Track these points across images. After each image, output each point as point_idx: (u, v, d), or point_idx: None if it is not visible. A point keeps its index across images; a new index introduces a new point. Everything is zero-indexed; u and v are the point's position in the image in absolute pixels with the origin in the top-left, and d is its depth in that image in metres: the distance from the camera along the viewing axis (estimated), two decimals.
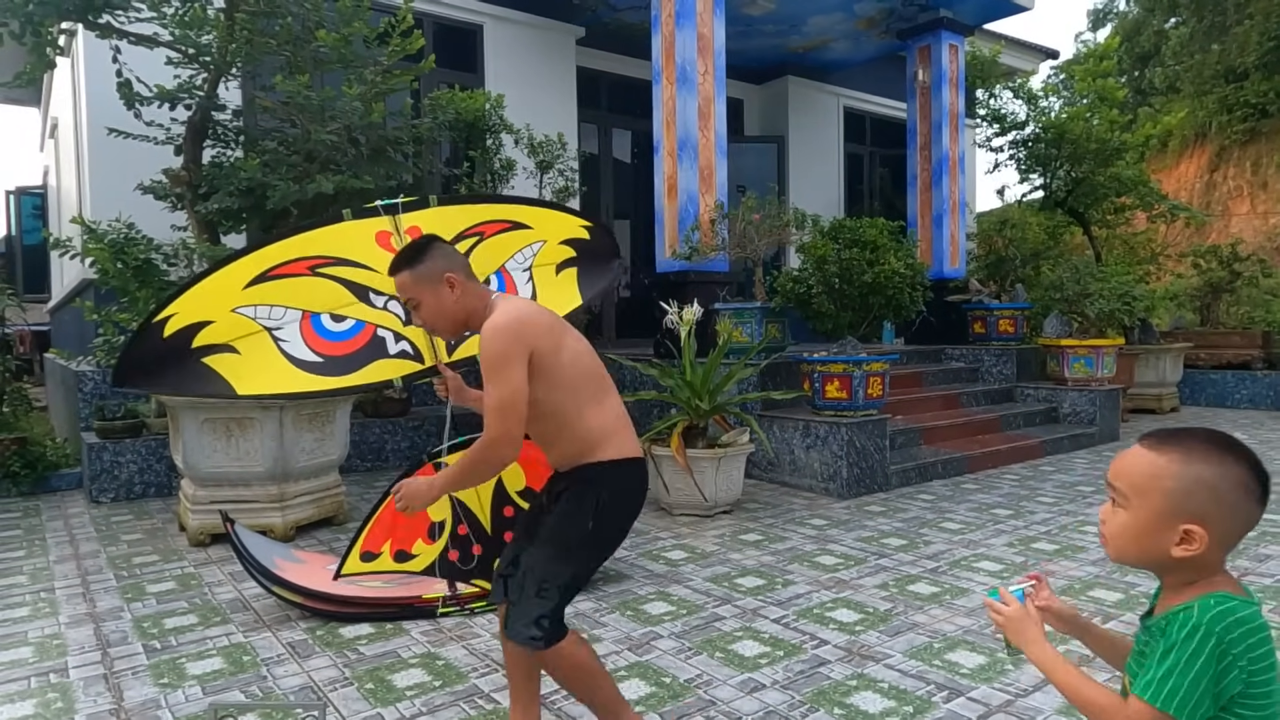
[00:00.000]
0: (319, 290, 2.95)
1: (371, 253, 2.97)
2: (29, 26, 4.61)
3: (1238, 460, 1.14)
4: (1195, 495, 1.13)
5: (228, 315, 2.94)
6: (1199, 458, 1.14)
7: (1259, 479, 1.14)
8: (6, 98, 12.03)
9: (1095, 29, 27.20)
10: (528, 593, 2.04)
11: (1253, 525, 1.16)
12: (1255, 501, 1.15)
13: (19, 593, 3.75)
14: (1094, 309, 7.79)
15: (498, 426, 1.93)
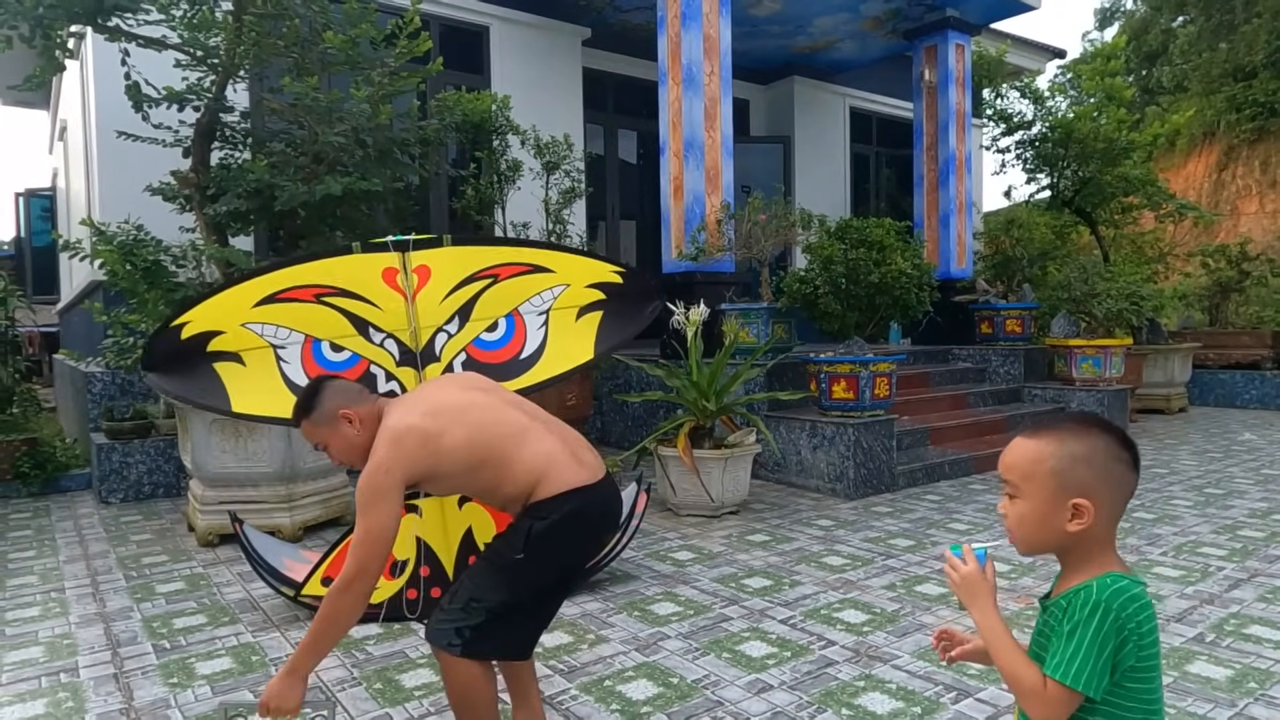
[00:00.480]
0: (322, 318, 2.97)
1: (376, 288, 2.98)
2: (38, 29, 4.64)
3: (1104, 432, 1.25)
4: (1076, 470, 1.22)
5: (237, 328, 2.98)
6: (1071, 436, 1.24)
7: (1127, 446, 1.25)
8: (16, 100, 12.09)
9: (1102, 28, 27.10)
10: (456, 602, 2.04)
11: (1130, 491, 1.26)
12: (1128, 467, 1.25)
13: (30, 592, 3.77)
14: (1102, 309, 7.77)
15: (354, 565, 1.90)
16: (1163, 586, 3.64)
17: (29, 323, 9.18)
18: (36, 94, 10.42)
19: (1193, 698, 2.60)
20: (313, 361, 2.96)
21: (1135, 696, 1.18)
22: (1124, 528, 4.61)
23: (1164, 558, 4.06)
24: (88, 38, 6.17)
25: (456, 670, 2.07)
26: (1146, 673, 1.18)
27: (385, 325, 3.00)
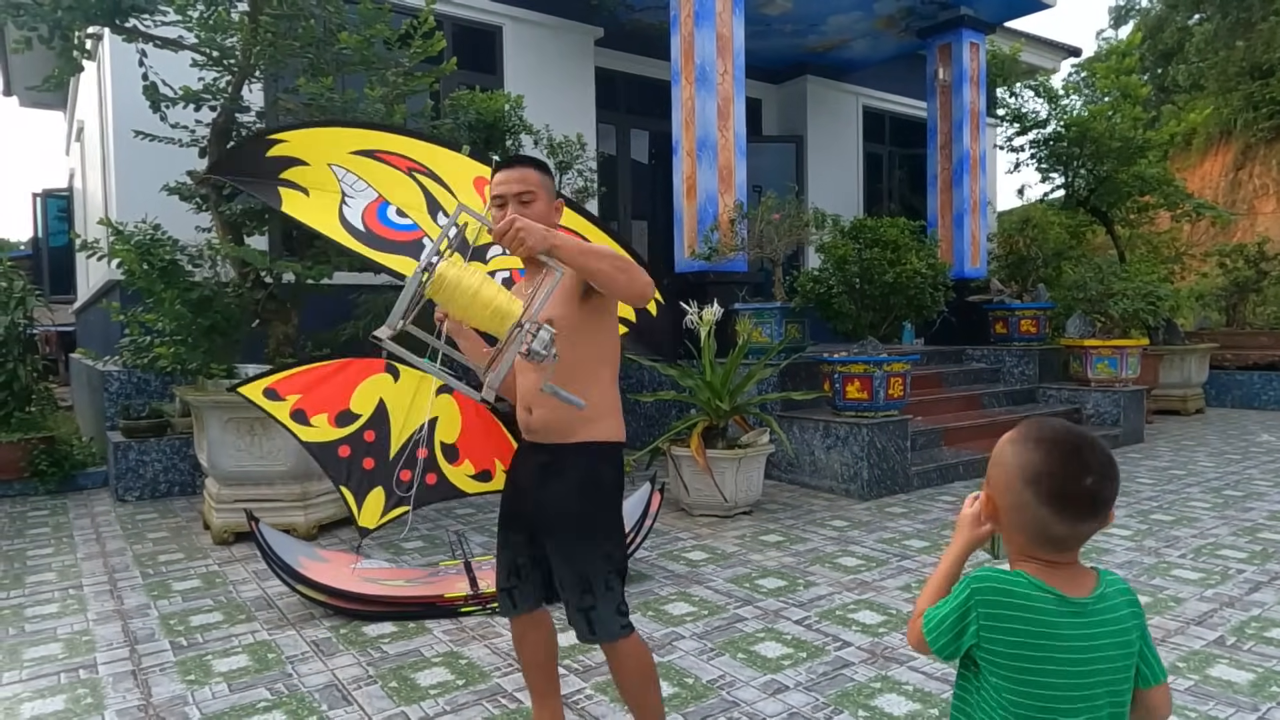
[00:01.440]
0: (403, 187, 3.02)
1: (463, 185, 3.02)
2: (57, 31, 4.67)
3: (1040, 449, 1.18)
4: (994, 468, 1.25)
5: (323, 166, 3.03)
6: (1018, 439, 1.22)
7: (1058, 480, 1.16)
8: (33, 102, 12.19)
9: (1117, 26, 26.89)
10: (598, 586, 1.99)
11: (1042, 525, 1.18)
12: (1037, 499, 1.17)
13: (48, 589, 3.80)
14: (1118, 309, 7.70)
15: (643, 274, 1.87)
16: (1182, 589, 3.60)
17: (46, 322, 9.26)
18: (54, 95, 10.52)
19: (1214, 701, 2.57)
20: (374, 216, 2.99)
21: (993, 693, 1.20)
22: (1141, 530, 4.57)
23: (1183, 560, 4.02)
24: (105, 39, 6.21)
25: (631, 652, 2.05)
26: (997, 657, 1.18)
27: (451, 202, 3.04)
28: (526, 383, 2.06)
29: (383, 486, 2.78)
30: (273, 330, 5.10)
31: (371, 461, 2.96)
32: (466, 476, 2.91)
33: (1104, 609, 1.19)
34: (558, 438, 2.04)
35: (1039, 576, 1.19)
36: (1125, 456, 6.89)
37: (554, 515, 2.04)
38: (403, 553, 4.35)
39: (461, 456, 2.91)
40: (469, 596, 3.40)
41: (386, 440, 3.01)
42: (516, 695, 2.66)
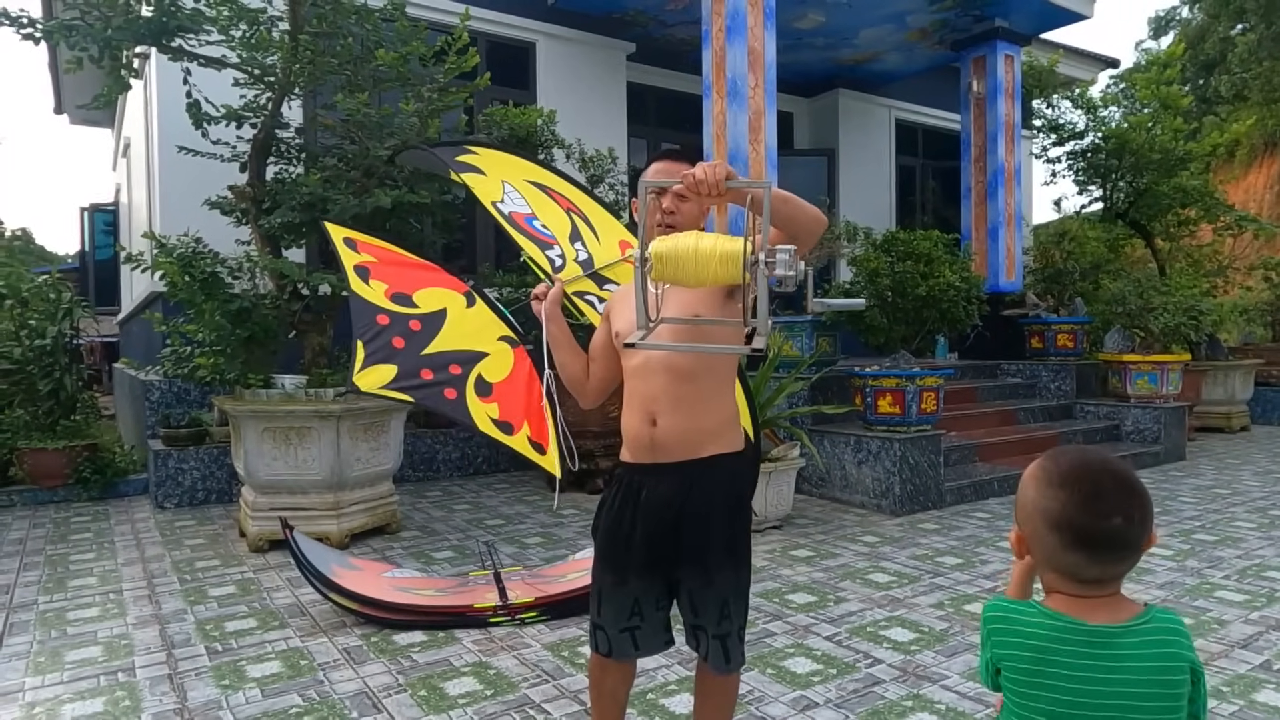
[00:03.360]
0: (556, 214, 3.09)
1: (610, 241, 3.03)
2: (107, 51, 4.83)
3: (1060, 495, 1.14)
4: (1019, 509, 1.22)
5: (497, 180, 3.14)
6: (1040, 479, 1.18)
7: (1078, 525, 1.12)
8: (83, 119, 12.59)
9: (1157, 37, 26.50)
10: (740, 616, 1.95)
11: (1068, 564, 1.15)
12: (1061, 543, 1.14)
13: (89, 593, 3.89)
14: (1158, 323, 7.55)
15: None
16: (1226, 611, 3.51)
17: (92, 333, 9.51)
18: (102, 113, 10.85)
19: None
20: (521, 218, 3.03)
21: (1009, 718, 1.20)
22: (1183, 550, 4.46)
23: (1227, 581, 3.92)
24: (151, 58, 6.40)
25: (738, 681, 2.06)
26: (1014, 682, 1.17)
27: (589, 247, 3.06)
28: (651, 387, 1.91)
29: (399, 366, 2.64)
30: (308, 341, 5.19)
31: (402, 342, 2.80)
32: (487, 416, 2.72)
33: (1135, 641, 1.12)
34: (687, 453, 1.90)
35: (1063, 608, 1.16)
36: (1166, 474, 6.73)
37: (695, 542, 1.90)
38: (433, 562, 4.39)
39: (493, 398, 2.76)
40: (498, 607, 3.41)
41: (429, 337, 2.84)
42: (545, 707, 2.66)
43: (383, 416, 4.91)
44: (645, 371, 1.92)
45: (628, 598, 1.96)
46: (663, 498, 1.91)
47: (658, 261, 1.63)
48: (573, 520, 5.30)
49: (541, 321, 2.20)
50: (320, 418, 4.58)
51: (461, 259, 8.12)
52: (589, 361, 2.16)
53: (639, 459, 1.96)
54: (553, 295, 2.22)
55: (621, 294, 2.09)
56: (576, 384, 2.17)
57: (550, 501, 5.87)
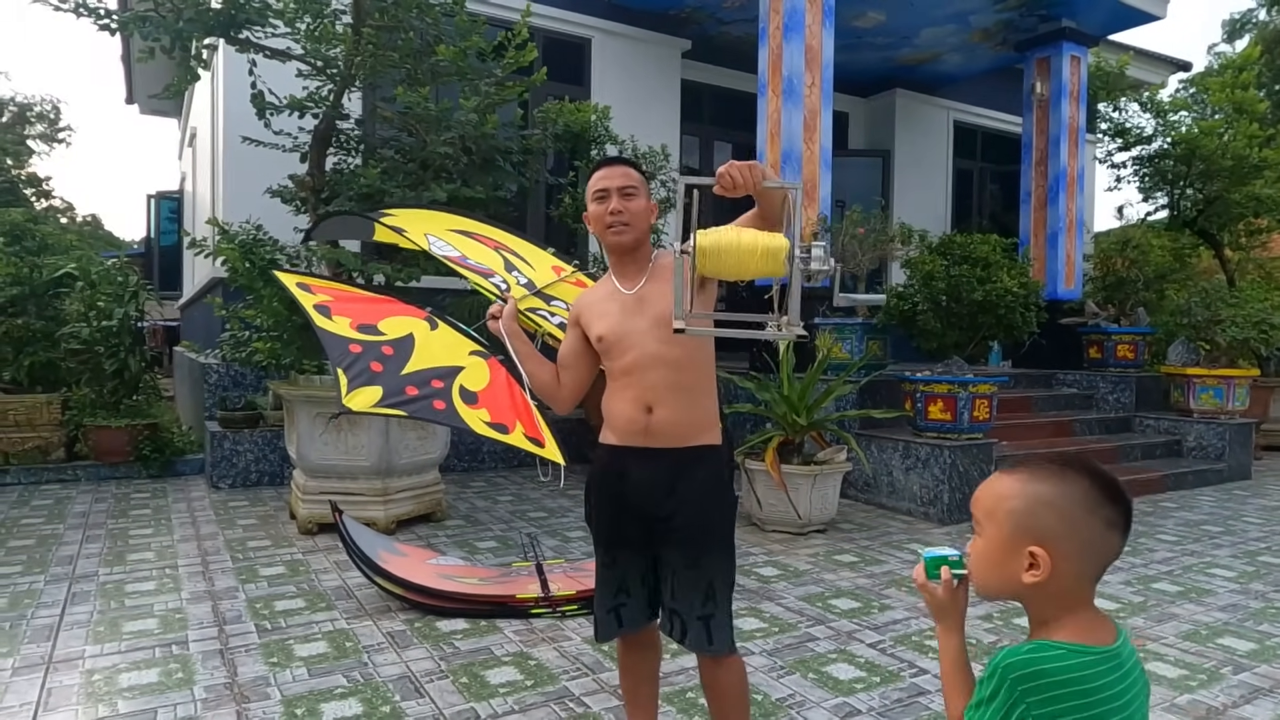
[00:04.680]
0: (487, 254, 3.13)
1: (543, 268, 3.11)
2: (178, 42, 4.97)
3: (1079, 476, 1.10)
4: (1037, 514, 1.09)
5: (420, 235, 3.17)
6: (1042, 477, 1.11)
7: (1109, 498, 1.09)
8: (152, 109, 13.01)
9: (1231, 40, 25.51)
10: (720, 598, 1.98)
11: (1106, 551, 1.10)
12: (1104, 524, 1.09)
13: (147, 568, 4.01)
14: (1226, 336, 7.27)
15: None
16: None
17: (155, 316, 9.81)
18: (170, 103, 11.20)
19: None
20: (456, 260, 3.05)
21: None
22: (1247, 571, 4.29)
23: None
24: (219, 50, 6.57)
25: (738, 665, 2.05)
26: None
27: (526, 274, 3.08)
28: (649, 379, 1.98)
29: (383, 387, 2.64)
30: None
31: (379, 366, 2.79)
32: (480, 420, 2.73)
33: (1129, 653, 1.11)
34: (678, 441, 1.99)
35: (1077, 636, 1.08)
36: (1230, 493, 6.48)
37: (685, 523, 1.97)
38: (477, 552, 4.43)
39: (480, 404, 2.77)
40: (540, 599, 3.43)
41: (404, 361, 2.84)
42: (584, 700, 2.67)
43: None
44: (641, 366, 1.99)
45: (616, 576, 2.08)
46: (651, 479, 1.99)
47: (701, 255, 1.66)
48: None
49: (503, 340, 2.22)
50: None
51: None
52: (558, 370, 2.20)
53: (628, 442, 2.02)
54: (508, 312, 2.24)
55: (588, 302, 2.13)
56: (548, 391, 2.22)
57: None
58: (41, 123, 25.88)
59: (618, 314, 2.04)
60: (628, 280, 2.07)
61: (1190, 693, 2.81)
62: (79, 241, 9.75)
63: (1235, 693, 2.82)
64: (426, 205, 4.91)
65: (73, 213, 29.73)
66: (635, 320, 2.01)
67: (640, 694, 2.20)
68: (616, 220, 2.02)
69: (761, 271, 1.68)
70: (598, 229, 2.06)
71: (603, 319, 2.05)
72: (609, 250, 2.10)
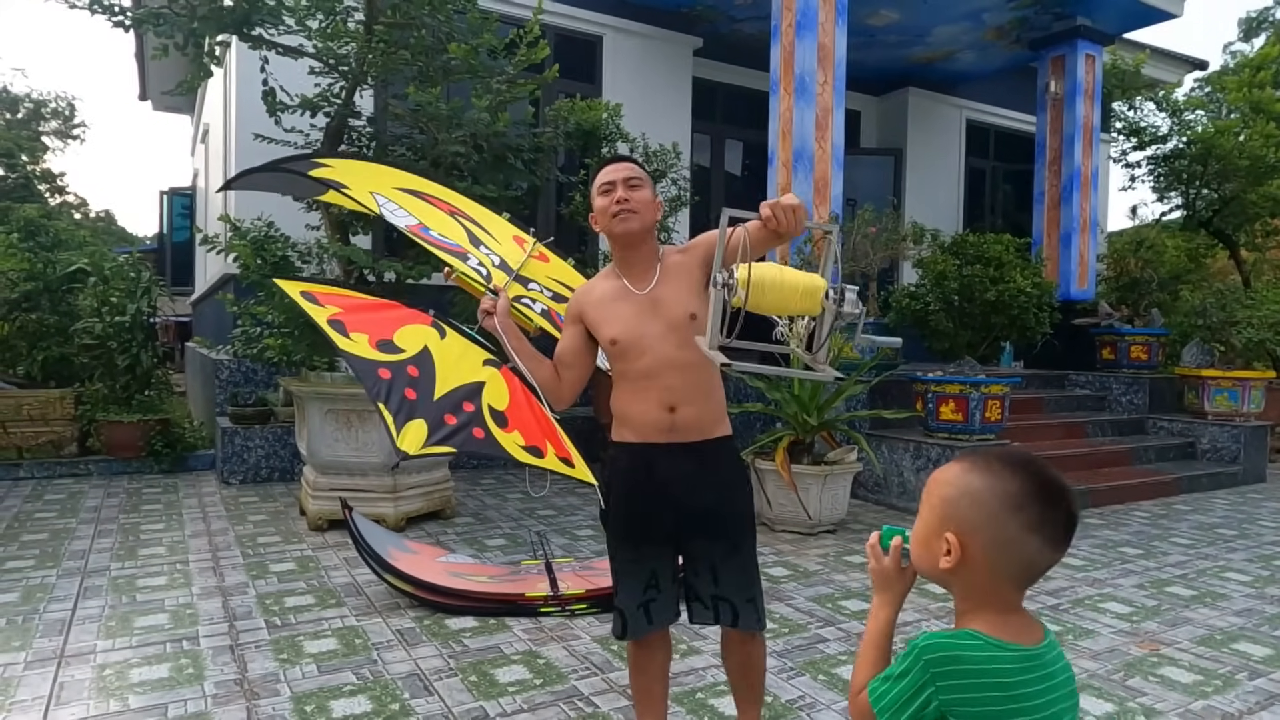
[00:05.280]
0: (445, 222, 3.04)
1: (505, 239, 3.05)
2: (191, 39, 4.99)
3: (1014, 474, 1.07)
4: (960, 504, 1.09)
5: (365, 193, 3.06)
6: (979, 469, 1.10)
7: (1041, 501, 1.05)
8: (165, 106, 13.07)
9: (1248, 39, 25.28)
10: (749, 579, 2.06)
11: (1028, 554, 1.07)
12: (1025, 525, 1.05)
13: (158, 563, 4.03)
14: (1241, 338, 7.21)
15: None
16: None
17: (167, 312, 9.87)
18: (183, 100, 11.24)
19: None
20: (420, 231, 2.95)
21: None
22: (1262, 576, 4.25)
23: None
24: (232, 47, 6.59)
25: (764, 646, 2.18)
26: None
27: (494, 250, 3.01)
28: (668, 382, 2.00)
29: (425, 419, 2.59)
30: None
31: (414, 394, 2.72)
32: (517, 445, 2.69)
33: (1054, 658, 1.09)
34: (700, 434, 2.04)
35: (995, 631, 1.07)
36: (1245, 496, 6.43)
37: (720, 511, 2.03)
38: (486, 549, 4.43)
39: (511, 425, 2.72)
40: (549, 597, 3.43)
41: (431, 381, 2.77)
42: (593, 699, 2.66)
43: None
44: (660, 370, 2.01)
45: (645, 571, 2.08)
46: (681, 470, 2.01)
47: (741, 288, 1.69)
48: None
49: (497, 337, 2.20)
50: None
51: None
52: (556, 366, 2.18)
53: (651, 439, 2.04)
54: (503, 308, 2.22)
55: (593, 301, 2.11)
56: (549, 389, 2.21)
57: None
58: (56, 119, 26.05)
59: (631, 317, 2.03)
60: (637, 280, 2.07)
61: (1205, 699, 2.78)
62: (92, 237, 9.81)
63: (1251, 699, 2.79)
64: None
65: (86, 209, 29.92)
66: (650, 324, 2.01)
67: (652, 693, 2.21)
68: (623, 208, 2.02)
69: (799, 310, 1.72)
70: (603, 221, 2.07)
71: (615, 322, 2.04)
72: (615, 241, 2.09)
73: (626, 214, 2.02)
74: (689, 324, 1.98)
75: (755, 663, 2.14)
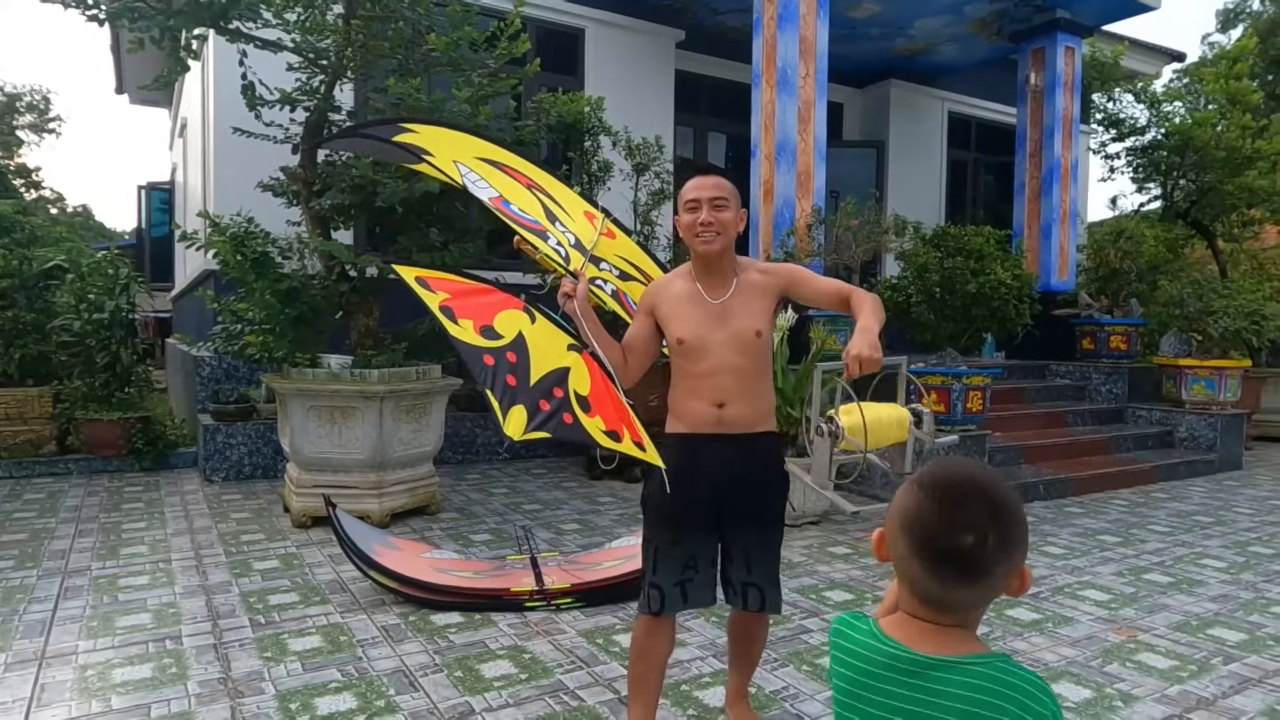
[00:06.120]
0: (524, 196, 3.09)
1: (576, 215, 3.09)
2: (167, 33, 4.92)
3: (919, 496, 1.06)
4: (891, 510, 1.12)
5: (448, 161, 3.11)
6: (913, 480, 1.11)
7: (923, 530, 1.04)
8: (142, 100, 12.90)
9: (1225, 30, 25.52)
10: (773, 566, 2.28)
11: (915, 574, 1.05)
12: (909, 547, 1.05)
13: (140, 562, 4.00)
14: (1218, 328, 7.30)
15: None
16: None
17: (147, 308, 9.77)
18: (161, 93, 11.10)
19: None
20: (501, 205, 3.04)
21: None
22: (1238, 562, 4.32)
23: None
24: (210, 40, 6.51)
25: (768, 623, 2.46)
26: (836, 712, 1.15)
27: (569, 226, 3.09)
28: (721, 382, 2.19)
29: (524, 405, 2.72)
30: (356, 322, 5.26)
31: (514, 380, 2.84)
32: (599, 430, 2.77)
33: (957, 680, 1.02)
34: (748, 428, 2.22)
35: (893, 629, 1.10)
36: (1221, 484, 6.52)
37: (757, 501, 2.23)
38: (471, 545, 4.43)
39: (594, 410, 2.82)
40: (534, 592, 3.43)
41: (526, 367, 2.88)
42: (578, 693, 2.67)
43: (425, 399, 4.96)
44: (716, 372, 2.20)
45: (684, 554, 2.22)
46: (726, 457, 2.20)
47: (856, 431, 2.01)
48: (610, 508, 5.31)
49: (577, 321, 2.36)
50: (364, 398, 4.65)
51: (504, 244, 8.16)
52: (625, 350, 2.38)
53: (700, 430, 2.23)
54: (581, 292, 2.36)
55: (667, 298, 2.29)
56: (617, 369, 2.41)
57: (587, 488, 5.89)
58: (31, 113, 25.68)
59: (701, 322, 2.21)
60: (713, 288, 2.25)
61: (1181, 684, 2.83)
62: (69, 233, 9.70)
63: (1225, 683, 2.84)
64: (417, 197, 4.88)
65: (63, 203, 29.52)
66: (717, 332, 2.19)
67: (648, 681, 2.28)
68: (707, 230, 2.18)
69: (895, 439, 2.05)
70: (687, 237, 2.24)
71: (684, 322, 2.23)
72: (696, 256, 2.26)
73: (710, 236, 2.19)
74: (754, 339, 2.20)
75: (761, 636, 2.42)
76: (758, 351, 2.20)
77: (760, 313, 2.23)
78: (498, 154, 3.19)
